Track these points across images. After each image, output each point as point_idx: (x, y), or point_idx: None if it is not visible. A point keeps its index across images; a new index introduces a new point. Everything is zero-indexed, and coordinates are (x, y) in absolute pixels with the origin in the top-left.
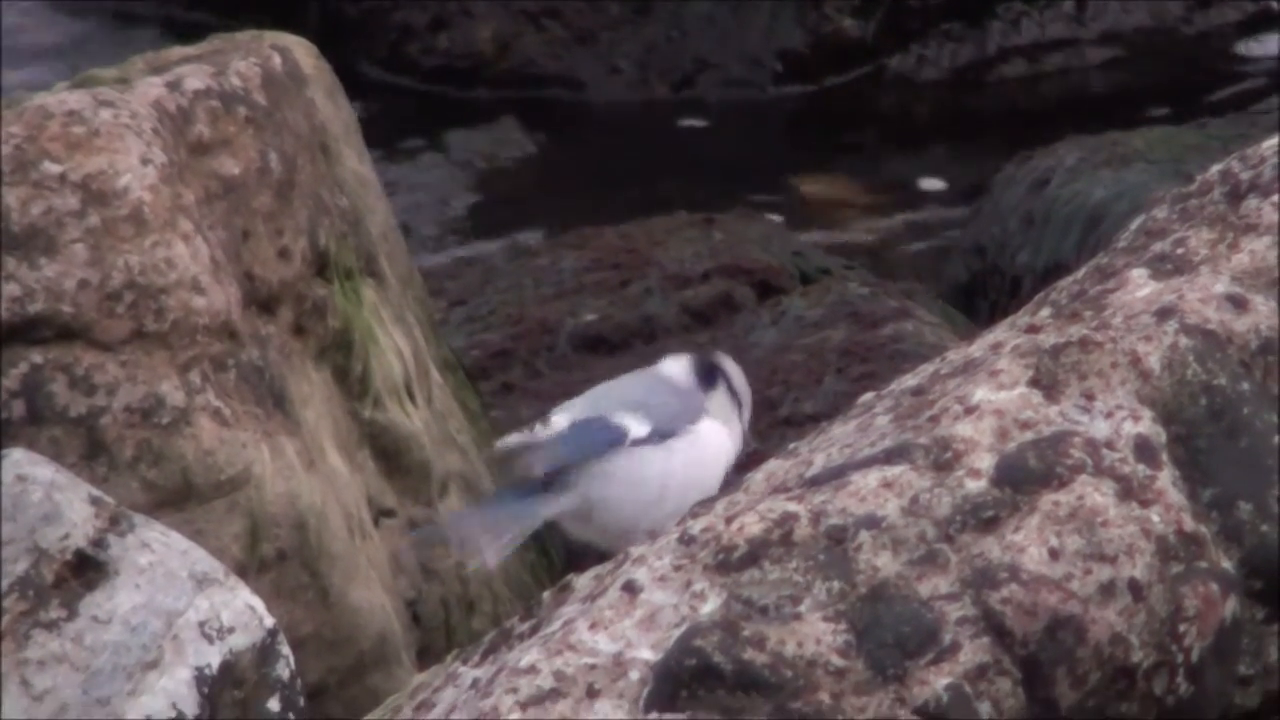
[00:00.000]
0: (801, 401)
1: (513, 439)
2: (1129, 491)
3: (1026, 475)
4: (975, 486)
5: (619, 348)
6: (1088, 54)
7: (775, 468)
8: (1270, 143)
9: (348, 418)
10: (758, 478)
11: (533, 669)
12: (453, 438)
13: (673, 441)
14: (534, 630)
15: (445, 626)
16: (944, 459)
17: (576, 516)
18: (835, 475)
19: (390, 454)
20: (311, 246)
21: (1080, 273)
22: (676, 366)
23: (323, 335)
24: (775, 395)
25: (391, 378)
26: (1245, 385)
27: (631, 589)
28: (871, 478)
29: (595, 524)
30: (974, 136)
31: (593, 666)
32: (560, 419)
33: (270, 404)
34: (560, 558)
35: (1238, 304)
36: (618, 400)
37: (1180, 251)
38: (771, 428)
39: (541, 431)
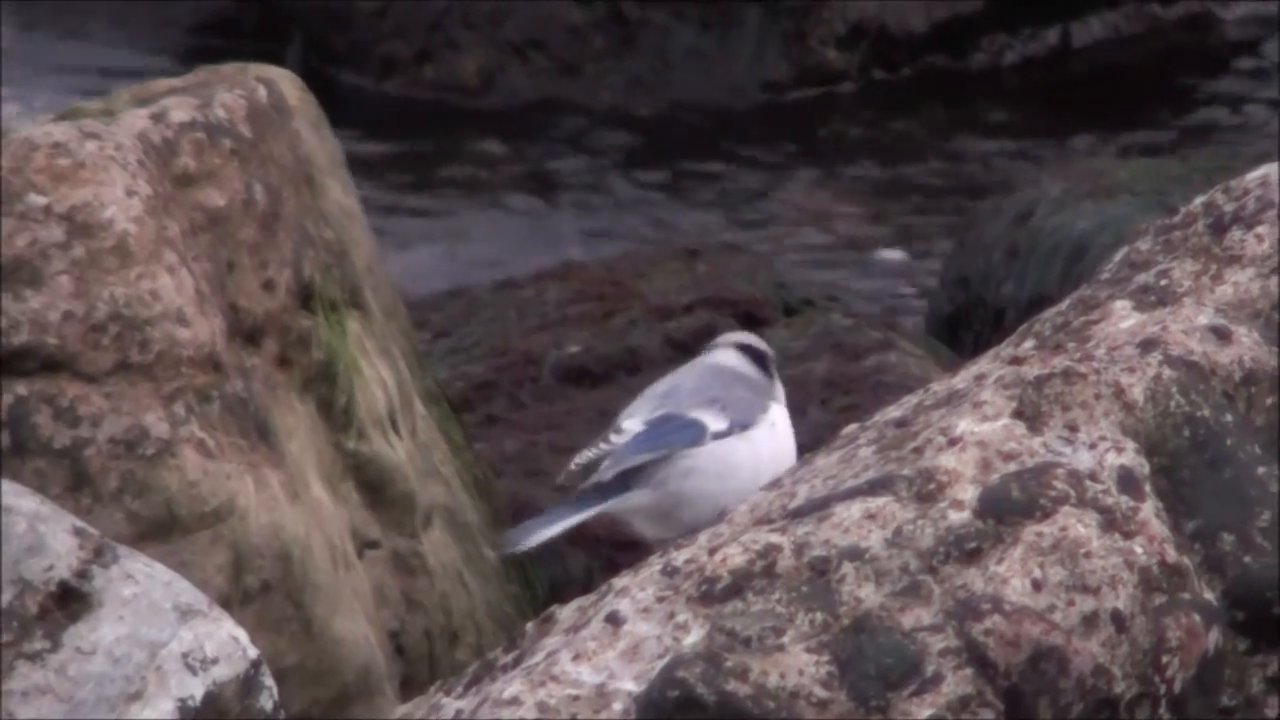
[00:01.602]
0: None
1: (585, 454)
2: (1112, 523)
3: (1010, 507)
4: (958, 518)
5: (603, 379)
6: (1074, 78)
7: (759, 499)
8: (1254, 175)
9: (332, 449)
10: (741, 509)
11: (516, 700)
12: (437, 469)
13: (753, 431)
14: (517, 661)
15: (429, 658)
16: (927, 490)
17: (653, 513)
18: (819, 506)
19: (374, 485)
20: (296, 278)
21: (1064, 304)
22: (732, 357)
23: (307, 367)
24: None
25: (375, 409)
26: (1228, 417)
27: (615, 620)
28: (855, 509)
29: (676, 518)
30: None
31: (576, 698)
32: (632, 424)
33: (254, 435)
34: (543, 589)
35: (1221, 335)
36: (688, 397)
37: (1164, 283)
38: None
39: (616, 439)
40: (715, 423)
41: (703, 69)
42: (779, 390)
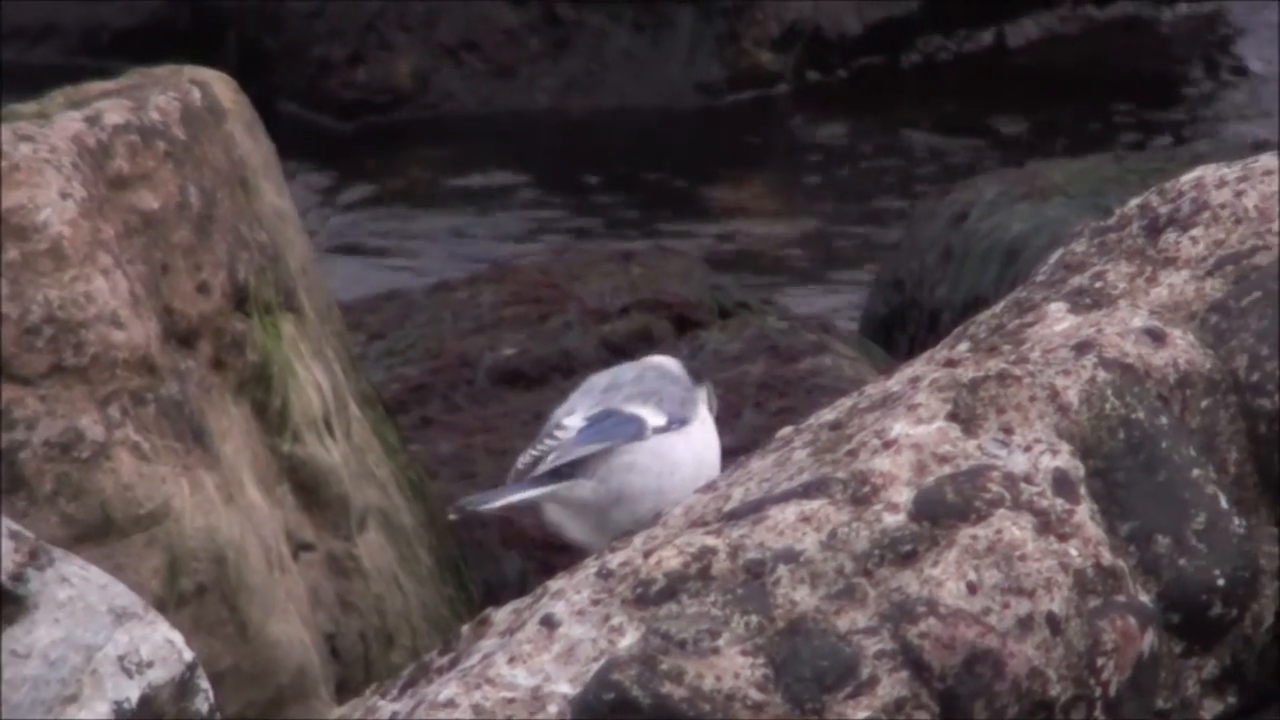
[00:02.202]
0: (720, 435)
1: (529, 453)
2: (1047, 525)
3: (944, 509)
4: (893, 521)
5: (537, 382)
6: (1009, 74)
7: (693, 501)
8: (1188, 177)
9: (266, 452)
10: (676, 512)
11: (451, 703)
12: (371, 471)
13: (690, 427)
14: (452, 664)
15: (364, 660)
16: (862, 493)
17: (593, 507)
18: (753, 509)
19: (309, 488)
20: (231, 281)
21: (999, 307)
22: (668, 361)
23: (242, 369)
24: None
25: (310, 412)
26: (1163, 419)
27: (550, 623)
28: (789, 512)
29: (614, 514)
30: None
31: (511, 700)
32: (574, 420)
33: (189, 438)
34: (479, 592)
35: (1156, 338)
36: (626, 393)
37: (1099, 285)
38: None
39: (560, 434)
40: (654, 418)
41: (637, 71)
42: (702, 392)
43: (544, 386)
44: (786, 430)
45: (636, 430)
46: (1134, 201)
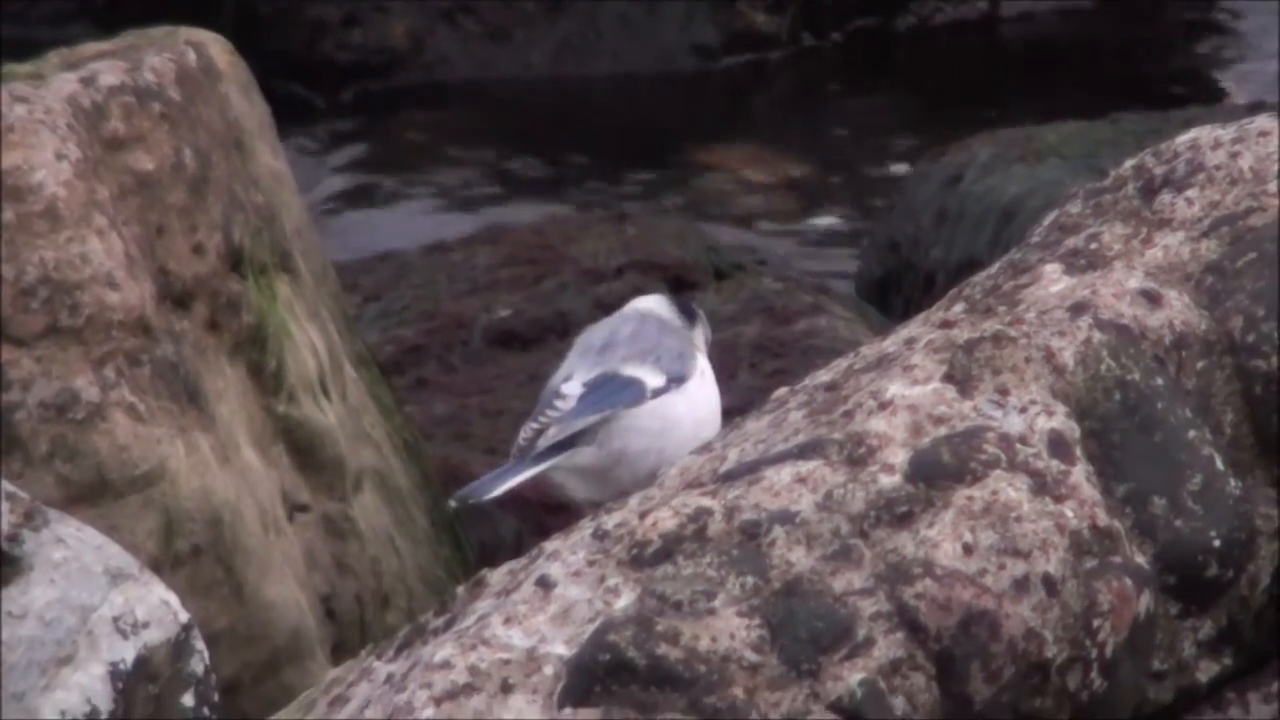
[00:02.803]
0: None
1: (531, 426)
2: (1043, 487)
3: (940, 470)
4: (889, 482)
5: (533, 343)
6: (1004, 39)
7: (689, 462)
8: (1183, 138)
9: (262, 413)
10: (671, 472)
11: (447, 664)
12: (367, 433)
13: (688, 384)
14: (448, 625)
15: (360, 622)
16: (858, 454)
17: (595, 471)
18: (749, 470)
19: (304, 449)
20: (226, 242)
21: (994, 268)
22: (658, 304)
23: (237, 331)
24: None
25: (306, 373)
26: (1159, 380)
27: (545, 584)
28: (785, 473)
29: (616, 476)
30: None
31: (507, 661)
32: (571, 387)
33: (185, 400)
34: (474, 553)
35: (1151, 299)
36: (623, 352)
37: (1094, 247)
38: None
39: (560, 404)
40: (653, 379)
41: (632, 34)
42: (702, 339)
43: (539, 347)
44: (782, 391)
45: (636, 394)
46: (1129, 163)
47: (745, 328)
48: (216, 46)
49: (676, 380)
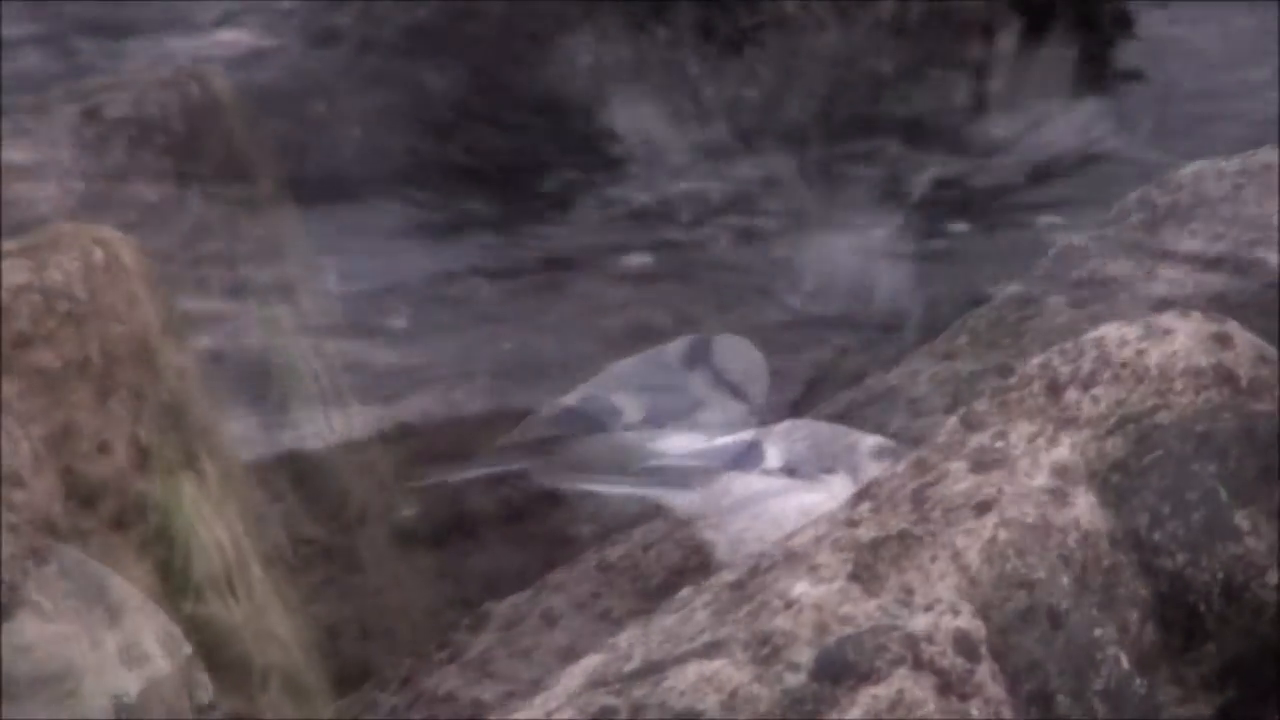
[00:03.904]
0: (624, 595)
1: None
2: (948, 686)
3: (846, 669)
4: (795, 681)
5: (440, 540)
6: None
7: (594, 662)
8: (1090, 335)
9: (168, 612)
10: (576, 672)
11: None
12: (273, 631)
13: (792, 482)
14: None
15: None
16: (763, 653)
17: (694, 517)
18: (655, 670)
19: (211, 648)
20: (133, 441)
21: (899, 467)
22: (872, 440)
23: (144, 530)
24: (595, 588)
25: (212, 572)
26: (1064, 579)
27: None
28: (691, 672)
29: (709, 530)
30: None
31: None
32: (730, 438)
33: (91, 599)
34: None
35: (1057, 497)
36: (786, 434)
37: (1000, 445)
38: (591, 621)
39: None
40: (773, 458)
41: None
42: (858, 462)
43: (447, 545)
44: (688, 590)
45: (746, 460)
46: (1035, 360)
47: (655, 522)
48: (123, 243)
49: (792, 472)
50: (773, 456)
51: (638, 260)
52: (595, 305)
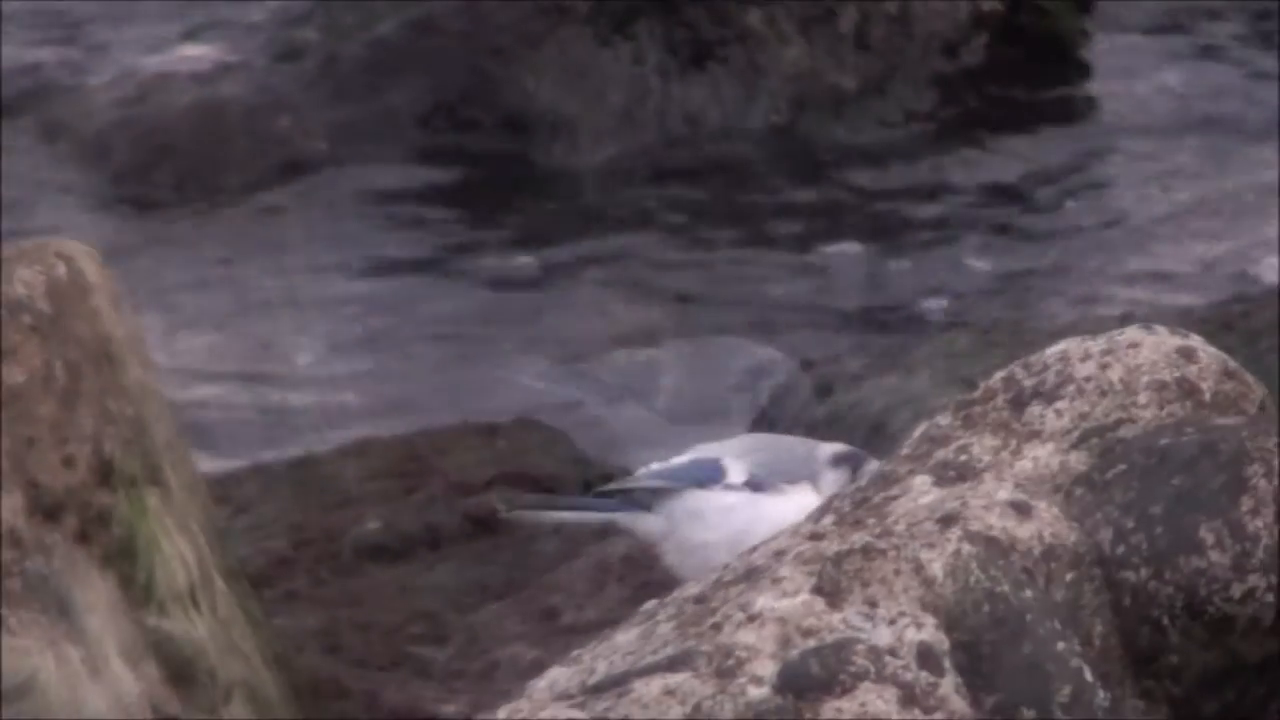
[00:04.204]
0: (584, 609)
1: (639, 471)
2: (912, 698)
3: (809, 683)
4: (758, 694)
5: (402, 556)
6: None
7: (558, 675)
8: (1053, 350)
9: (132, 626)
10: (540, 685)
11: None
12: (236, 645)
13: (764, 495)
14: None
15: None
16: (726, 666)
17: (659, 538)
18: (618, 683)
19: (174, 662)
20: (96, 455)
21: (863, 480)
22: (828, 448)
23: (107, 543)
24: (558, 603)
25: (176, 586)
26: (1028, 592)
27: None
28: (654, 685)
29: (675, 550)
30: None
31: None
32: (684, 456)
33: (55, 612)
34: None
35: (1021, 511)
36: (741, 449)
37: (963, 458)
38: (554, 635)
39: (660, 464)
40: (735, 474)
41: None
42: (833, 483)
43: (409, 560)
44: (651, 604)
45: (709, 478)
46: (999, 374)
47: (615, 539)
48: (87, 260)
49: (756, 486)
50: (735, 472)
51: (594, 273)
52: (554, 314)
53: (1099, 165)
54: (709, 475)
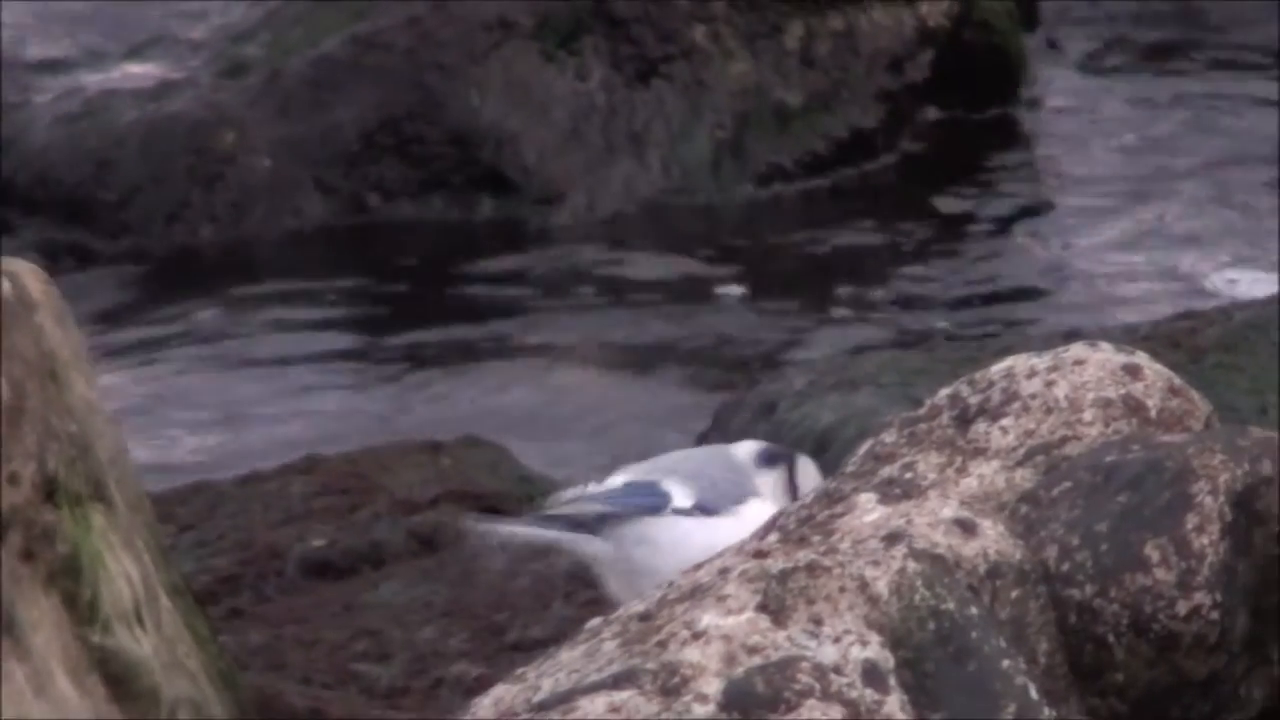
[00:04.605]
0: (529, 627)
1: (570, 492)
2: (857, 716)
3: (754, 700)
4: (703, 712)
5: (347, 573)
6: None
7: (503, 693)
8: (998, 367)
9: (77, 643)
10: (485, 703)
11: None
12: (181, 663)
13: (715, 519)
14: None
15: None
16: (671, 684)
17: (599, 563)
18: (563, 700)
19: (119, 679)
20: (40, 472)
21: (808, 498)
22: (742, 452)
23: (52, 561)
24: (503, 620)
25: (121, 603)
26: (973, 610)
27: None
28: (599, 703)
29: (618, 578)
30: None
31: None
32: (615, 480)
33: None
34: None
35: (966, 529)
36: (673, 469)
37: (909, 476)
38: (499, 653)
39: (596, 488)
40: (681, 498)
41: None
42: (774, 487)
43: (353, 577)
44: (595, 621)
45: (657, 504)
46: (944, 391)
47: (559, 557)
48: (31, 276)
49: (706, 510)
50: (681, 496)
51: (532, 291)
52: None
53: (1044, 182)
54: (655, 501)
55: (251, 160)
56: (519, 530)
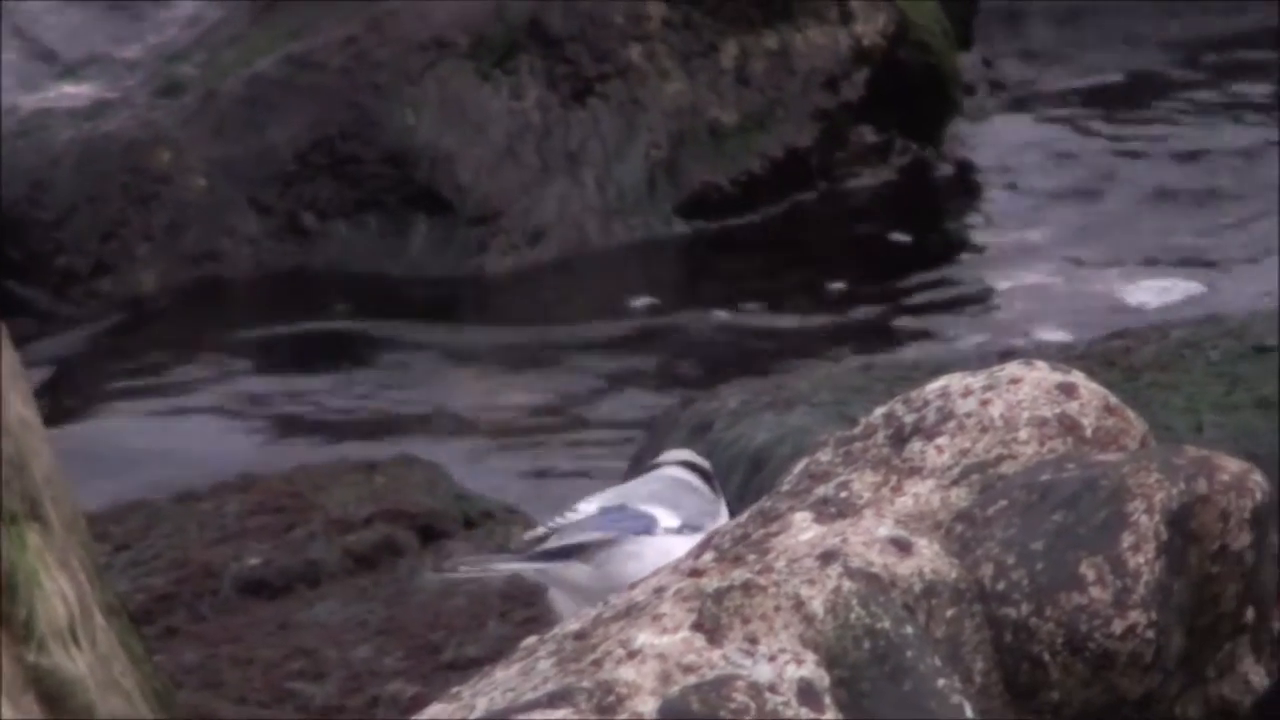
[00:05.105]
0: (465, 645)
1: (538, 529)
2: None
3: (689, 718)
4: None
5: (282, 592)
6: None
7: (438, 712)
8: (934, 385)
9: (12, 662)
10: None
11: None
12: (117, 681)
13: (701, 535)
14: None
15: None
16: (607, 703)
17: (586, 590)
18: (498, 719)
19: (54, 698)
20: None
21: (743, 516)
22: (681, 472)
23: None
24: (438, 639)
25: (56, 622)
26: (909, 629)
27: None
28: None
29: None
30: None
31: None
32: (588, 506)
33: None
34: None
35: (901, 547)
36: (643, 497)
37: (844, 495)
38: (434, 671)
39: (570, 516)
40: (667, 519)
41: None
42: (723, 505)
43: (289, 596)
44: (531, 640)
45: (647, 525)
46: (879, 410)
47: (494, 576)
48: None
49: (692, 528)
50: (667, 519)
51: (466, 310)
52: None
53: (979, 200)
54: (645, 524)
55: (187, 179)
56: (501, 567)
